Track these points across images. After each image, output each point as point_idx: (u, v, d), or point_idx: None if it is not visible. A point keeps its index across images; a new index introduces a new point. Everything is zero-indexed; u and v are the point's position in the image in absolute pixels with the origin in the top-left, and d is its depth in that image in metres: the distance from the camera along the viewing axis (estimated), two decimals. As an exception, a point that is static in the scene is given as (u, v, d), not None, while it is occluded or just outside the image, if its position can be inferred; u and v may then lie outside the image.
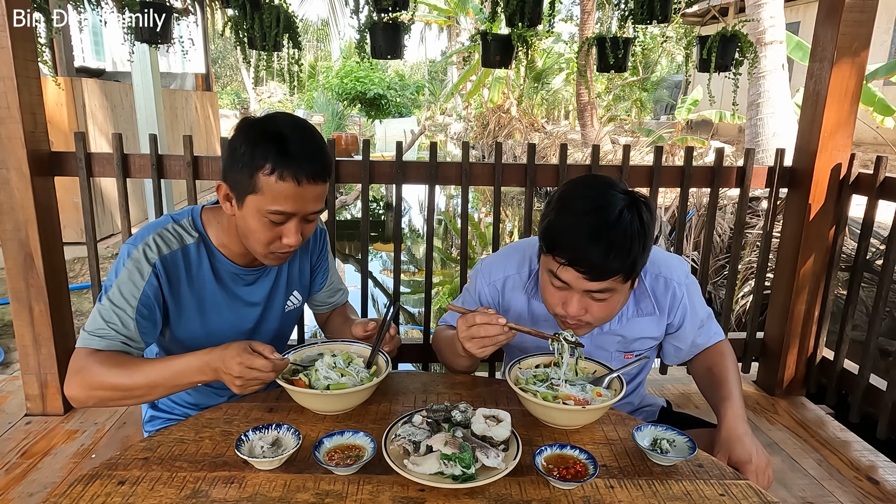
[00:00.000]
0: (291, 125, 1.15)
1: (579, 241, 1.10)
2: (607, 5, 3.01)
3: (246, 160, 1.12)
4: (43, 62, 2.23)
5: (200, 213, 1.30)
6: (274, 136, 1.12)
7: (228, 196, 1.19)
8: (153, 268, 1.20)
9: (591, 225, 1.09)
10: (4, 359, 3.56)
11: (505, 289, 1.39)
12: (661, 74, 17.75)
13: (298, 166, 1.11)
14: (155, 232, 1.23)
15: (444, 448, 0.95)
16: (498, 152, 2.27)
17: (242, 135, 1.15)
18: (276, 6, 2.27)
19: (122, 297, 1.18)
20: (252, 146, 1.12)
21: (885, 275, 2.18)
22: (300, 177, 1.11)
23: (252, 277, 1.34)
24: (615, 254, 1.09)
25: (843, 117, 2.23)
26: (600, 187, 1.14)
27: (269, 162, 1.10)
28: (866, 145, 9.87)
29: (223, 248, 1.29)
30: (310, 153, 1.13)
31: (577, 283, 1.14)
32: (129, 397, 1.14)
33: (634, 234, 1.10)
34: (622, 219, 1.09)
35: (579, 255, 1.10)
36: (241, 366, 1.06)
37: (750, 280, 4.74)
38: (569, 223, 1.12)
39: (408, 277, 7.02)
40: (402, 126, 16.62)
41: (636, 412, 1.57)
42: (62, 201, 2.24)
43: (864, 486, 1.90)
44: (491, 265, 1.42)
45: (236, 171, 1.14)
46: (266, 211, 1.14)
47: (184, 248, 1.25)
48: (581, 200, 1.14)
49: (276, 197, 1.12)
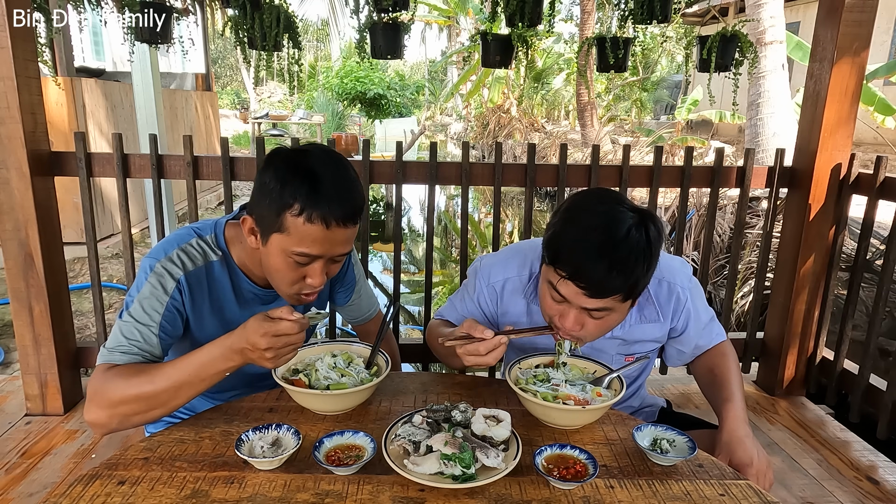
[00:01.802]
0: (324, 162, 1.09)
1: (582, 257, 1.08)
2: (607, 5, 3.01)
3: (274, 197, 1.06)
4: (43, 62, 2.23)
5: (224, 229, 1.26)
6: (306, 174, 1.06)
7: (253, 230, 1.14)
8: (178, 283, 1.17)
9: (597, 241, 1.07)
10: (4, 359, 3.56)
11: (504, 291, 1.38)
12: (661, 74, 17.75)
13: (329, 209, 1.05)
14: (178, 247, 1.20)
15: (444, 448, 0.95)
16: (498, 152, 2.27)
17: (273, 168, 1.09)
18: (276, 6, 2.27)
19: (145, 313, 1.14)
20: (282, 183, 1.06)
21: (885, 275, 2.18)
22: (329, 220, 1.06)
23: (270, 297, 1.31)
24: (617, 272, 1.07)
25: (843, 117, 2.23)
26: (610, 203, 1.12)
27: (299, 202, 1.05)
28: (866, 145, 9.87)
29: (244, 267, 1.26)
30: (342, 195, 1.07)
31: (575, 299, 1.12)
32: (155, 406, 1.07)
33: (640, 254, 1.08)
34: (629, 237, 1.07)
35: (581, 270, 1.08)
36: (267, 336, 1.00)
37: (750, 280, 4.74)
38: (574, 236, 1.10)
39: (408, 277, 7.02)
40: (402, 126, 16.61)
41: (636, 413, 1.57)
42: (62, 201, 2.24)
43: (864, 486, 1.90)
44: (491, 266, 1.40)
45: (263, 206, 1.09)
46: (291, 252, 1.09)
47: (208, 264, 1.22)
48: (589, 214, 1.12)
49: (302, 239, 1.07)
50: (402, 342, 2.56)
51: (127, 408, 1.07)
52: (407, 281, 6.84)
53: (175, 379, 1.06)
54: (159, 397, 1.07)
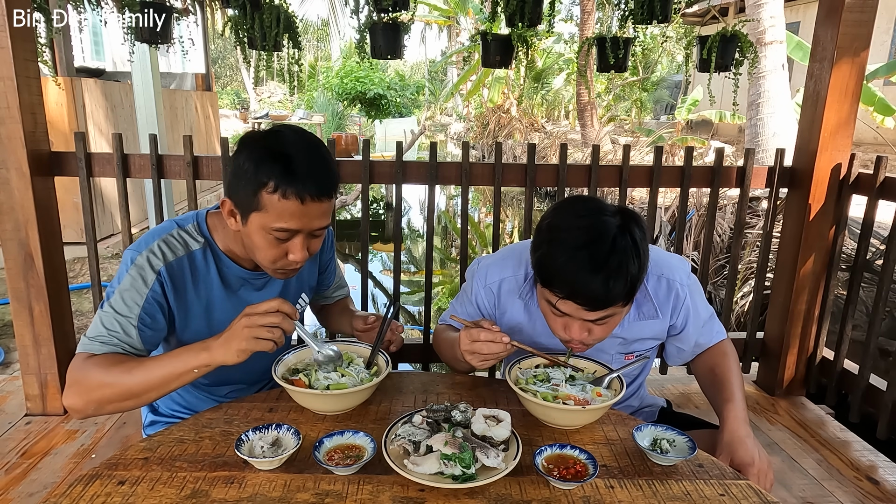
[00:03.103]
0: (296, 142, 1.13)
1: (576, 276, 1.09)
2: (607, 5, 3.01)
3: (249, 177, 1.10)
4: (43, 62, 2.23)
5: (206, 218, 1.28)
6: (278, 154, 1.10)
7: (233, 212, 1.17)
8: (158, 275, 1.18)
9: (587, 258, 1.08)
10: (4, 359, 3.56)
11: (501, 292, 1.38)
12: (661, 74, 17.75)
13: (303, 185, 1.09)
14: (160, 238, 1.22)
15: (444, 448, 0.95)
16: (498, 152, 2.27)
17: (247, 151, 1.13)
18: (276, 6, 2.27)
19: (125, 305, 1.16)
20: (256, 164, 1.10)
21: (885, 275, 2.18)
22: (304, 195, 1.09)
23: (261, 282, 1.33)
24: (613, 283, 1.08)
25: (843, 117, 2.23)
26: (590, 216, 1.13)
27: (273, 180, 1.08)
28: (866, 145, 9.87)
29: (230, 252, 1.28)
30: (315, 171, 1.11)
31: (577, 314, 1.15)
32: (128, 397, 1.11)
33: (630, 259, 1.09)
34: (616, 246, 1.08)
35: (577, 289, 1.10)
36: (247, 317, 1.04)
37: (750, 280, 4.74)
38: (563, 259, 1.10)
39: (408, 277, 7.02)
40: (402, 126, 16.62)
41: (636, 413, 1.57)
42: (62, 201, 2.24)
43: (864, 486, 1.90)
44: (487, 267, 1.41)
45: (240, 187, 1.13)
46: (270, 228, 1.12)
47: (189, 254, 1.24)
48: (573, 232, 1.11)
49: (280, 215, 1.11)
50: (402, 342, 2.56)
51: (101, 394, 1.10)
52: (407, 281, 6.84)
53: (148, 368, 1.10)
54: (132, 390, 1.10)
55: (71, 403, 1.11)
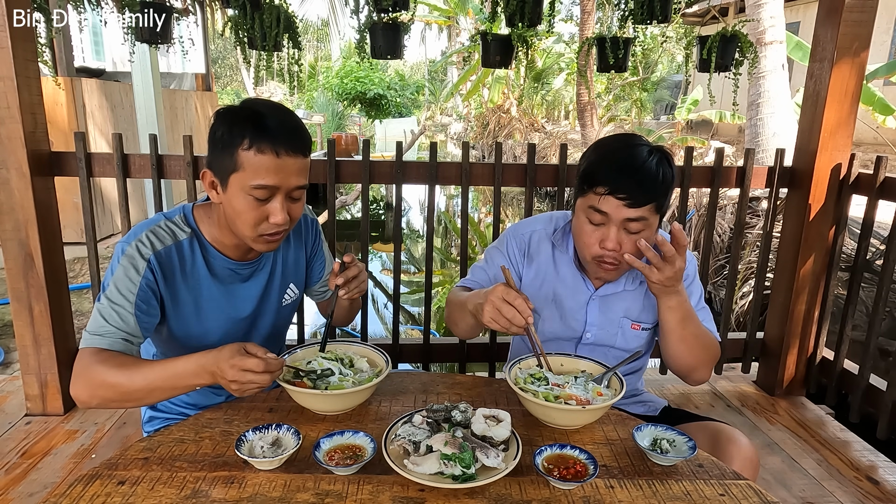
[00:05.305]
0: (266, 105, 1.19)
1: (618, 173, 1.24)
2: (607, 5, 3.02)
3: (225, 141, 1.15)
4: (43, 62, 2.23)
5: (192, 210, 1.31)
6: (250, 114, 1.16)
7: (213, 183, 1.21)
8: (147, 263, 1.21)
9: (628, 159, 1.26)
10: (4, 359, 3.56)
11: (531, 241, 1.49)
12: (661, 74, 17.75)
13: (276, 139, 1.14)
14: (148, 229, 1.25)
15: (444, 448, 0.95)
16: (498, 152, 2.27)
17: (220, 120, 1.18)
18: (276, 6, 2.27)
19: (120, 294, 1.18)
20: (230, 126, 1.15)
21: (885, 275, 2.18)
22: (278, 149, 1.14)
23: (248, 272, 1.34)
24: (650, 183, 1.24)
25: (843, 117, 2.23)
26: (630, 138, 1.33)
27: (247, 137, 1.13)
28: (866, 145, 9.87)
29: (216, 242, 1.30)
30: (287, 127, 1.16)
31: (616, 213, 1.24)
32: (129, 399, 1.14)
33: (665, 165, 1.27)
34: (651, 157, 1.26)
35: (620, 183, 1.23)
36: (235, 368, 1.05)
37: (750, 280, 4.74)
38: (608, 159, 1.28)
39: (407, 277, 7.02)
40: (402, 126, 16.63)
41: (637, 401, 1.56)
42: (62, 201, 2.24)
43: (864, 486, 1.90)
44: (520, 223, 1.55)
45: (217, 153, 1.17)
46: (249, 187, 1.15)
47: (177, 243, 1.26)
48: (615, 142, 1.32)
49: (257, 171, 1.14)
50: (402, 342, 2.56)
51: (105, 392, 1.14)
52: (407, 281, 6.84)
53: (149, 381, 1.12)
54: (133, 394, 1.13)
55: (77, 394, 1.15)
